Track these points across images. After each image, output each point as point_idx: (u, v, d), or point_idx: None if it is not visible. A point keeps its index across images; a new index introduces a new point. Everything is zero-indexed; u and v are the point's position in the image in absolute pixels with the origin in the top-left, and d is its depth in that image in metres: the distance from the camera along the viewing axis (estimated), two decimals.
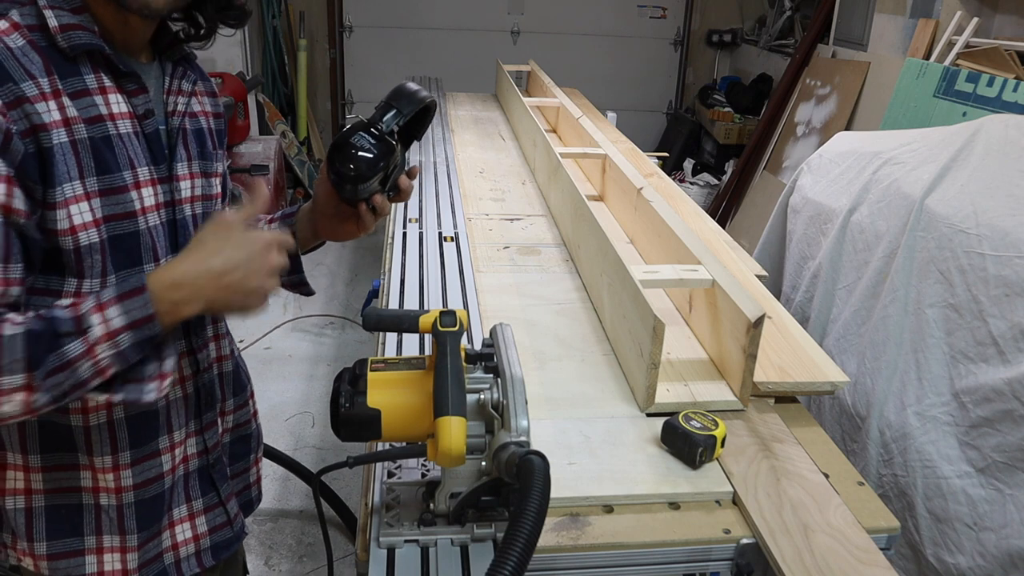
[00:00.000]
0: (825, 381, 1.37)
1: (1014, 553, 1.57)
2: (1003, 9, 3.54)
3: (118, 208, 0.95)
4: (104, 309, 0.85)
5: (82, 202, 0.91)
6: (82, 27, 0.93)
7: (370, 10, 6.28)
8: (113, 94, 0.96)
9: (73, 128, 0.90)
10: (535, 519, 0.78)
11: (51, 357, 0.83)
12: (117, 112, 0.96)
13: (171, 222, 1.03)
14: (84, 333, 0.84)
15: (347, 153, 1.06)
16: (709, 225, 2.16)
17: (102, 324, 0.85)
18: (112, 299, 0.86)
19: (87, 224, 0.92)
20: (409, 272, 1.83)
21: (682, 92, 6.80)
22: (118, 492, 1.03)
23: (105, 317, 0.85)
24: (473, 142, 3.16)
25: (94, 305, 0.85)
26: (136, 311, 0.86)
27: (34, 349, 0.83)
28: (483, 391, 0.95)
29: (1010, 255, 1.66)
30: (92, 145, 0.92)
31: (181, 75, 1.08)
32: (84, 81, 0.93)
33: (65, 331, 0.84)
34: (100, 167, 0.93)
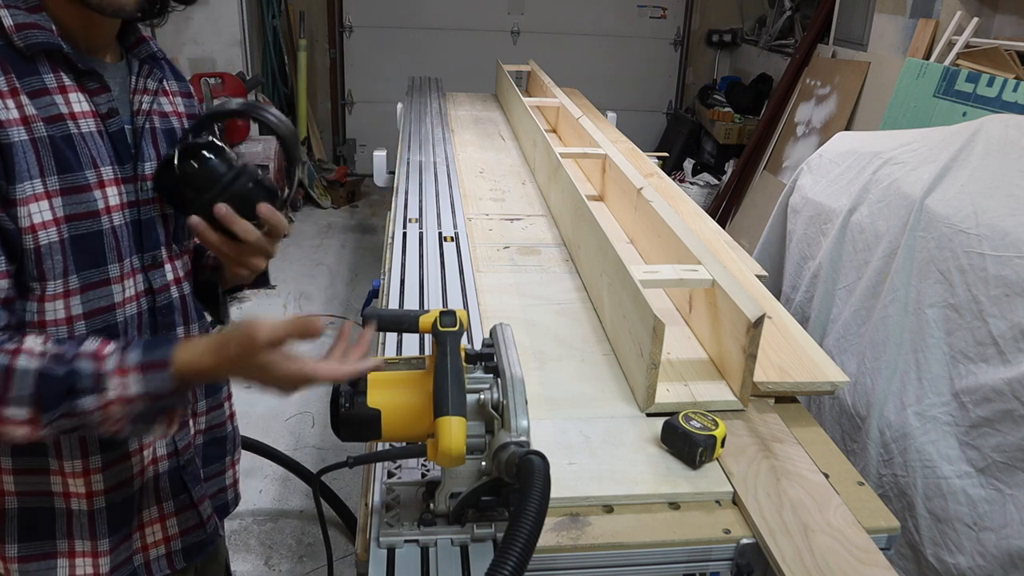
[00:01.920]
0: (825, 381, 1.37)
1: (1014, 553, 1.57)
2: (1003, 9, 3.54)
3: (80, 207, 0.94)
4: (125, 375, 0.86)
5: (42, 200, 0.90)
6: (38, 26, 0.92)
7: (370, 10, 6.29)
8: (74, 92, 0.95)
9: (32, 126, 0.89)
10: (535, 519, 0.78)
11: (63, 406, 0.84)
12: (79, 111, 0.95)
13: (136, 222, 1.01)
14: (101, 392, 0.85)
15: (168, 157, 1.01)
16: (709, 225, 2.16)
17: (120, 388, 0.85)
18: (135, 367, 0.86)
19: (47, 223, 0.90)
20: (409, 272, 1.83)
21: (682, 92, 6.80)
22: (89, 497, 1.03)
23: (124, 383, 0.85)
24: (473, 142, 3.16)
25: (116, 368, 0.86)
26: (155, 384, 0.87)
27: (47, 393, 0.84)
28: (483, 391, 0.95)
29: (1010, 255, 1.66)
30: (52, 143, 0.91)
31: (147, 73, 1.06)
32: (43, 80, 0.92)
33: (82, 387, 0.84)
34: (60, 165, 0.92)
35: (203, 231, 0.99)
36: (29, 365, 0.84)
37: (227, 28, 5.20)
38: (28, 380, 0.83)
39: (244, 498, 1.30)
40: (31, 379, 0.83)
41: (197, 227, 0.99)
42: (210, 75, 4.47)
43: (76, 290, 0.95)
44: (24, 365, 0.84)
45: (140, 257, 1.03)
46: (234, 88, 4.67)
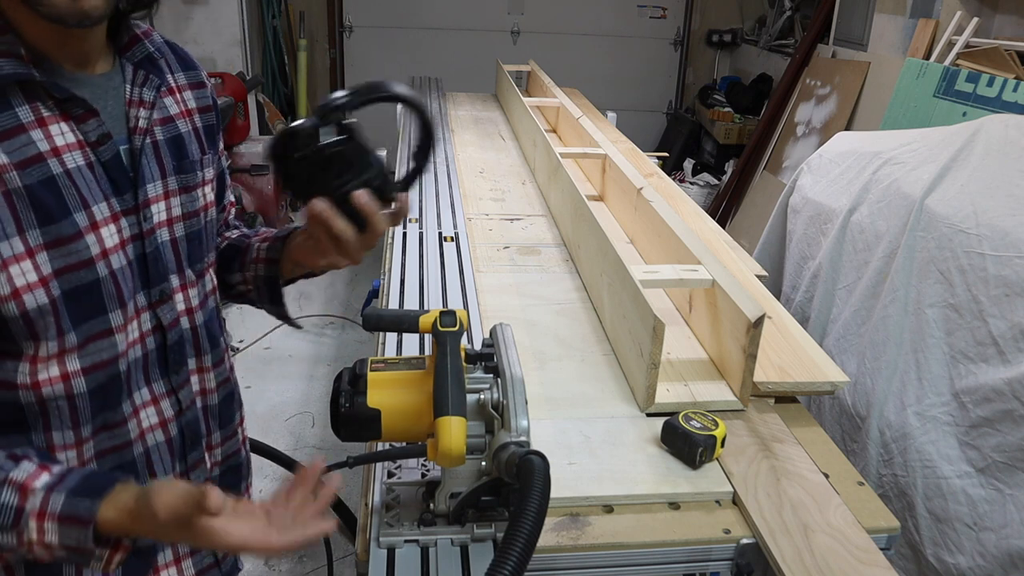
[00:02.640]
0: (825, 381, 1.37)
1: (1014, 553, 1.57)
2: (1003, 9, 3.54)
3: (71, 258, 0.83)
4: (43, 521, 0.77)
5: (24, 261, 0.79)
6: (6, 54, 0.79)
7: (370, 10, 6.28)
8: (55, 124, 0.83)
9: (4, 177, 0.78)
10: (535, 519, 0.78)
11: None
12: (63, 144, 0.83)
13: (140, 257, 0.91)
14: (18, 531, 0.77)
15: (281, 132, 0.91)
16: (709, 225, 2.16)
17: (37, 533, 0.77)
18: (54, 515, 0.77)
19: (32, 284, 0.80)
20: (409, 272, 1.83)
21: (682, 92, 6.80)
22: None
23: (43, 529, 0.77)
24: (473, 142, 3.16)
25: (37, 510, 0.77)
26: (72, 539, 0.77)
27: None
28: (483, 391, 0.95)
29: (1010, 255, 1.66)
30: (29, 193, 0.79)
31: (143, 81, 0.93)
32: (16, 115, 0.80)
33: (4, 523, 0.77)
34: (42, 216, 0.80)
35: (330, 217, 0.90)
36: None
37: (227, 28, 5.19)
38: None
39: None
40: None
41: (322, 213, 0.90)
42: (210, 75, 4.46)
43: (74, 347, 0.85)
44: None
45: (147, 294, 0.93)
46: (234, 88, 4.67)
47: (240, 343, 3.75)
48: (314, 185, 0.91)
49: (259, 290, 1.12)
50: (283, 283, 1.12)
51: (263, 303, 1.14)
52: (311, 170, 0.90)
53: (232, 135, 4.67)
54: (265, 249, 1.11)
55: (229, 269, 1.13)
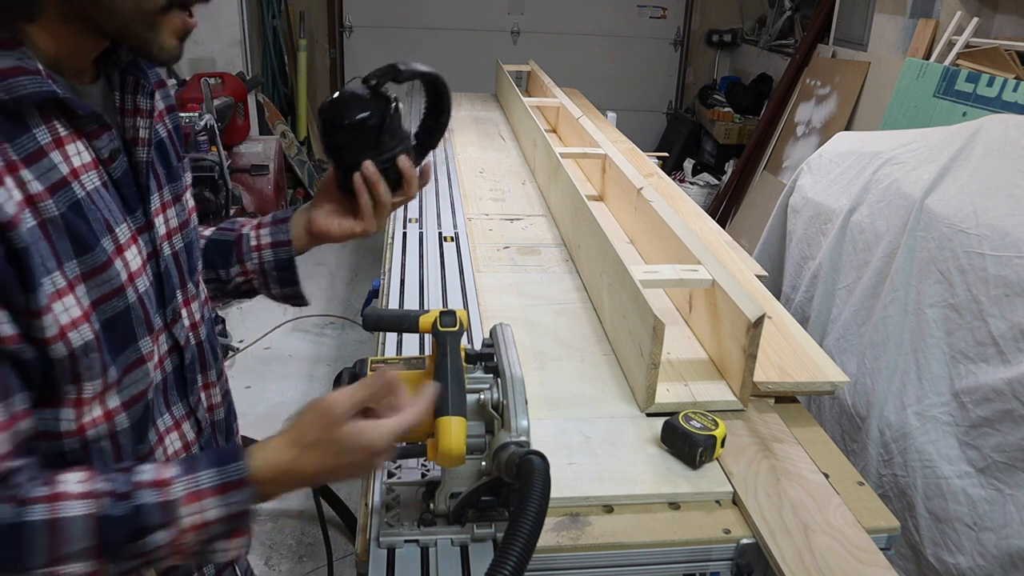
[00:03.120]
0: (825, 381, 1.37)
1: (1014, 553, 1.57)
2: (1003, 9, 3.54)
3: (105, 288, 0.77)
4: (201, 499, 0.74)
5: (67, 296, 0.73)
6: (23, 70, 0.70)
7: (370, 10, 6.29)
8: (72, 143, 0.76)
9: (40, 207, 0.71)
10: (535, 519, 0.78)
11: (129, 548, 0.72)
12: (80, 165, 0.76)
13: (156, 276, 0.87)
14: (172, 523, 0.73)
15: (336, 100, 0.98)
16: (709, 225, 2.16)
17: (196, 515, 0.74)
18: (211, 488, 0.75)
19: (76, 321, 0.74)
20: (409, 272, 1.83)
21: (682, 92, 6.80)
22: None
23: (201, 508, 0.74)
24: (473, 142, 3.16)
25: (188, 492, 0.74)
26: (235, 505, 0.76)
27: (109, 539, 0.71)
28: (483, 391, 0.95)
29: (1010, 255, 1.66)
30: (64, 222, 0.73)
31: (134, 88, 0.85)
32: (35, 138, 0.72)
33: (153, 524, 0.72)
34: (78, 247, 0.74)
35: (377, 181, 0.99)
36: (76, 511, 0.70)
37: (227, 28, 5.19)
38: (80, 529, 0.70)
39: None
40: (84, 527, 0.70)
41: (372, 176, 0.98)
42: (210, 75, 4.47)
43: (114, 383, 0.80)
44: (71, 513, 0.70)
45: (163, 314, 0.88)
46: (234, 88, 4.67)
47: (240, 343, 3.75)
48: (365, 150, 0.99)
49: (265, 276, 1.11)
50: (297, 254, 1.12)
51: (271, 288, 1.12)
52: (364, 136, 0.98)
53: (232, 135, 4.67)
54: (269, 234, 1.10)
55: (221, 265, 1.10)
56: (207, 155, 3.96)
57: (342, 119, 0.97)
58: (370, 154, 0.99)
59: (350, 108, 0.97)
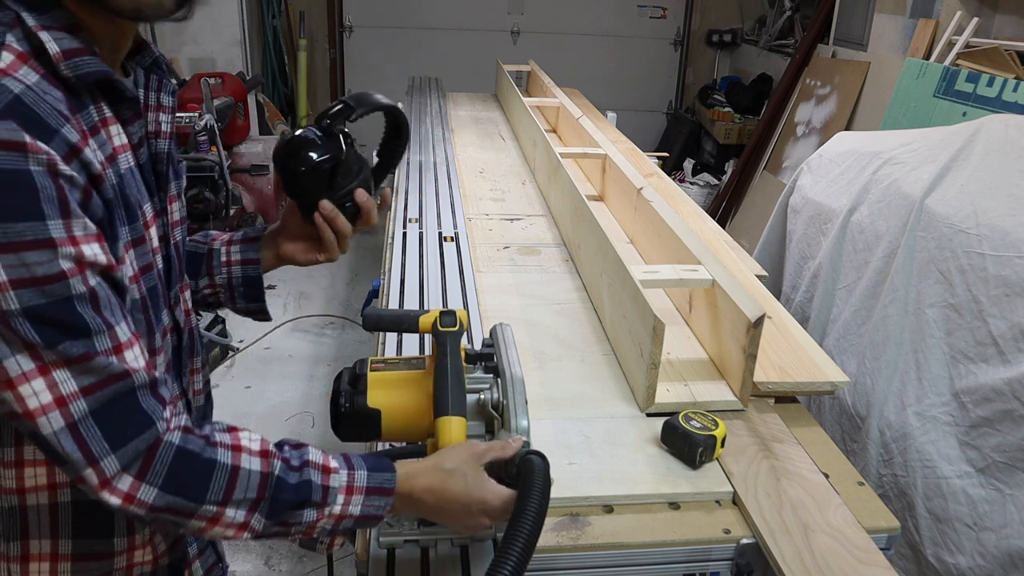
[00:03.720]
0: (825, 381, 1.37)
1: (1014, 553, 1.57)
2: (1003, 9, 3.54)
3: (144, 259, 0.85)
4: (352, 494, 0.83)
5: (127, 252, 0.81)
6: (86, 51, 0.78)
7: (370, 10, 6.28)
8: (113, 125, 0.83)
9: (104, 174, 0.78)
10: (535, 519, 0.78)
11: (286, 513, 0.81)
12: (119, 145, 0.84)
13: (166, 257, 0.93)
14: (324, 507, 0.82)
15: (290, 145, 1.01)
16: (709, 225, 2.16)
17: (344, 506, 0.83)
18: (363, 488, 0.84)
19: (132, 278, 0.82)
20: (409, 272, 1.83)
21: (682, 92, 6.80)
22: (154, 562, 0.96)
23: (350, 501, 0.83)
24: (473, 142, 3.16)
25: (345, 485, 0.83)
26: (373, 509, 0.84)
27: (277, 500, 0.80)
28: (483, 391, 0.95)
29: (1010, 255, 1.66)
30: (120, 191, 0.81)
31: (157, 86, 0.93)
32: (91, 115, 0.80)
33: (313, 500, 0.81)
34: (129, 215, 0.82)
35: (336, 216, 1.03)
36: (254, 466, 0.79)
37: (227, 28, 5.20)
38: (254, 482, 0.79)
39: None
40: (257, 481, 0.79)
41: (330, 213, 1.02)
42: (210, 75, 4.47)
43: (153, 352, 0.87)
44: (249, 465, 0.79)
45: (168, 296, 0.95)
46: (234, 88, 4.67)
47: (240, 343, 3.75)
48: (321, 191, 1.02)
49: (232, 290, 1.16)
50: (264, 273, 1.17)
51: (236, 302, 1.17)
52: (319, 178, 1.00)
53: (232, 135, 4.67)
54: (238, 252, 1.15)
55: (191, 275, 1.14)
56: (207, 155, 3.96)
57: (297, 165, 1.00)
58: (327, 194, 1.02)
59: (303, 152, 0.99)
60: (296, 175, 1.00)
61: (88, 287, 0.73)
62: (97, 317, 0.74)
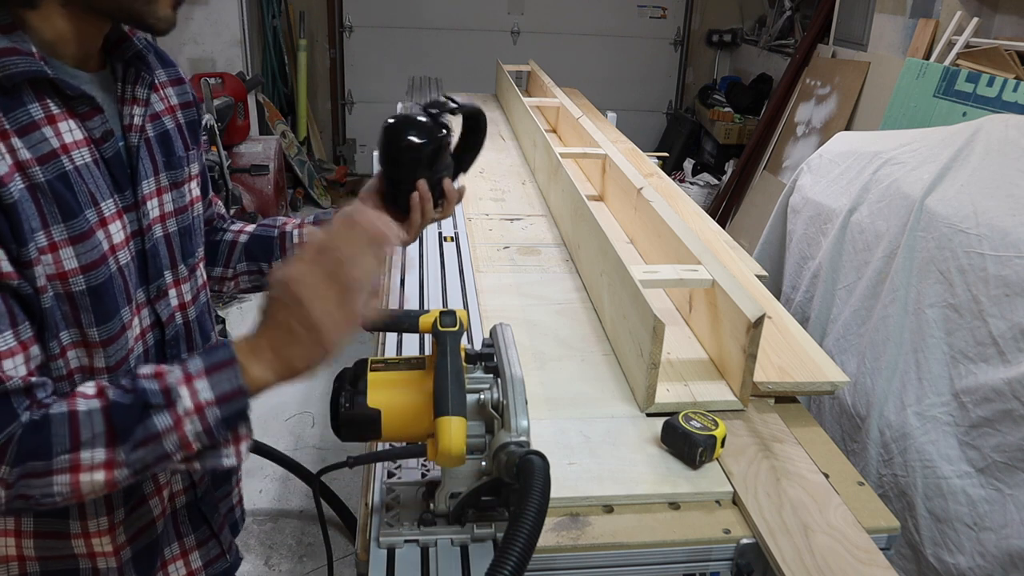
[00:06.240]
0: (825, 381, 1.37)
1: (1014, 553, 1.57)
2: (1003, 9, 3.54)
3: (89, 256, 0.85)
4: (192, 381, 0.80)
5: (47, 254, 0.81)
6: (16, 51, 0.79)
7: (370, 10, 6.29)
8: (64, 121, 0.84)
9: (28, 172, 0.79)
10: (535, 519, 0.78)
11: (138, 430, 0.78)
12: (71, 142, 0.84)
13: (140, 252, 0.94)
14: (172, 406, 0.79)
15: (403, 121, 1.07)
16: (709, 225, 2.16)
17: (191, 397, 0.80)
18: (200, 371, 0.81)
19: (51, 276, 0.82)
20: (409, 272, 1.83)
21: (682, 92, 6.80)
22: (116, 553, 0.98)
23: (194, 389, 0.80)
24: None
25: (182, 376, 0.80)
26: (225, 384, 0.81)
27: (120, 422, 0.78)
28: (483, 391, 0.95)
29: (1010, 255, 1.66)
30: (51, 188, 0.81)
31: (134, 79, 0.94)
32: (29, 113, 0.81)
33: (155, 403, 0.79)
34: (64, 212, 0.82)
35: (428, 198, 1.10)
36: (92, 405, 0.78)
37: (227, 28, 5.20)
38: (96, 418, 0.78)
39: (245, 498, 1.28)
40: (99, 416, 0.78)
41: (425, 195, 1.10)
42: (210, 75, 4.47)
43: (96, 343, 0.88)
44: (87, 407, 0.78)
45: (146, 290, 0.96)
46: (234, 88, 4.67)
47: None
48: (421, 171, 1.09)
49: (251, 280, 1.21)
50: None
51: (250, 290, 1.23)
52: (423, 158, 1.08)
53: (232, 135, 4.67)
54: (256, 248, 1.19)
55: (263, 258, 1.19)
56: (207, 155, 3.96)
57: (409, 142, 1.07)
58: (424, 174, 1.10)
59: (416, 131, 1.07)
60: (405, 150, 1.07)
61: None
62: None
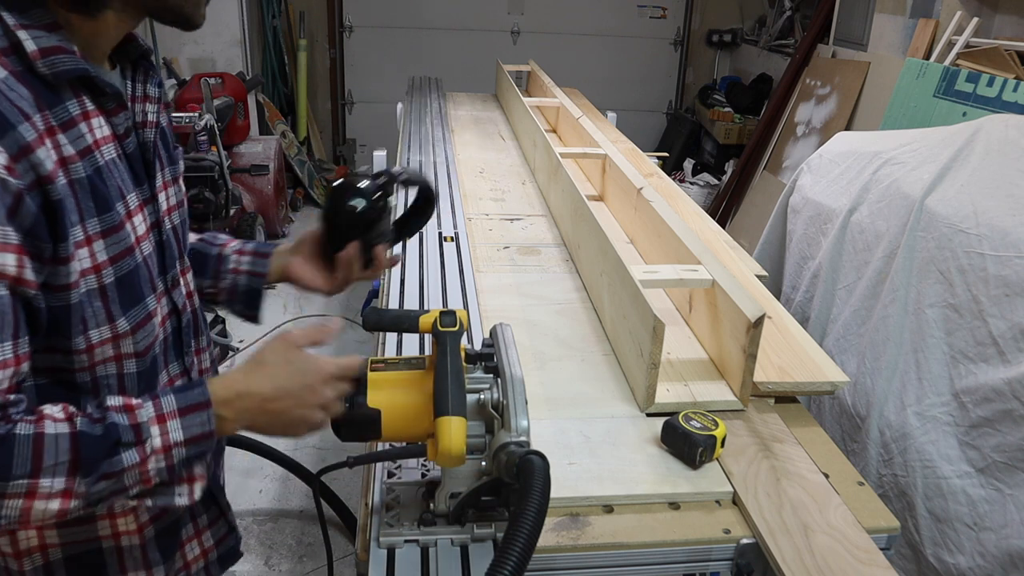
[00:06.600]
0: (825, 381, 1.37)
1: (1014, 553, 1.57)
2: (1003, 9, 3.54)
3: (120, 247, 0.87)
4: (165, 421, 0.82)
5: (82, 248, 0.83)
6: (63, 49, 0.82)
7: (370, 10, 6.29)
8: (96, 118, 0.87)
9: (70, 168, 0.81)
10: (535, 519, 0.78)
11: (103, 466, 0.78)
12: (101, 137, 0.87)
13: (159, 243, 0.97)
14: (142, 444, 0.80)
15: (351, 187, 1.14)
16: (709, 225, 2.16)
17: (161, 437, 0.81)
18: (173, 411, 0.83)
19: (86, 271, 0.84)
20: (409, 272, 1.83)
21: (682, 92, 6.80)
22: (140, 531, 1.00)
23: (166, 429, 0.82)
24: (473, 142, 3.16)
25: (154, 415, 0.82)
26: (196, 427, 0.83)
27: (87, 454, 0.77)
28: (483, 391, 0.95)
29: (1010, 255, 1.66)
30: (90, 183, 0.84)
31: (144, 78, 0.97)
32: (68, 109, 0.83)
33: (125, 440, 0.79)
34: (99, 206, 0.85)
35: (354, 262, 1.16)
36: (59, 429, 0.77)
37: (227, 28, 5.20)
38: (63, 445, 0.76)
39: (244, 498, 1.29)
40: (66, 443, 0.76)
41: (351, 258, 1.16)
42: (210, 75, 4.47)
43: (127, 332, 0.90)
44: (54, 431, 0.76)
45: (163, 279, 0.98)
46: (234, 88, 4.67)
47: (240, 343, 3.75)
48: (355, 234, 1.15)
49: (233, 295, 1.22)
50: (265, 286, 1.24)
51: (234, 306, 1.24)
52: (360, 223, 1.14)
53: (232, 135, 4.67)
54: (248, 263, 1.21)
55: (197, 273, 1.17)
56: (207, 155, 3.96)
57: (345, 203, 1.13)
58: (359, 236, 1.15)
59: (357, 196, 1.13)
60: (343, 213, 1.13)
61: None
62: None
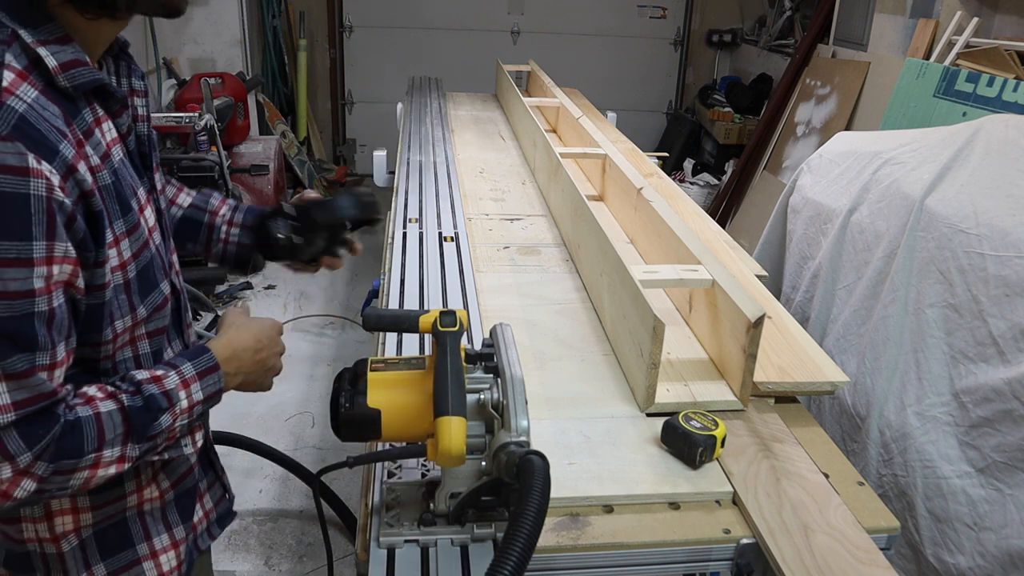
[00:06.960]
0: (825, 381, 1.37)
1: (1014, 553, 1.57)
2: (1003, 9, 3.54)
3: (139, 242, 0.93)
4: (188, 386, 0.93)
5: (112, 248, 0.88)
6: (80, 62, 0.84)
7: (370, 10, 6.29)
8: (105, 122, 0.90)
9: (98, 176, 0.85)
10: (535, 519, 0.78)
11: (148, 430, 0.89)
12: (111, 140, 0.90)
13: (163, 230, 1.03)
14: (173, 407, 0.91)
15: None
16: (709, 225, 2.16)
17: (187, 399, 0.93)
18: (193, 376, 0.94)
19: (115, 268, 0.89)
20: (409, 272, 1.83)
21: (682, 92, 6.80)
22: (162, 497, 1.07)
23: (189, 392, 0.93)
24: (473, 142, 3.16)
25: (179, 381, 0.93)
26: (211, 386, 0.97)
27: (136, 423, 0.88)
28: (483, 391, 0.95)
29: (1010, 255, 1.66)
30: (114, 188, 0.88)
31: (127, 72, 0.99)
32: (85, 119, 0.86)
33: (161, 407, 0.90)
34: (122, 207, 0.89)
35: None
36: (110, 407, 0.87)
37: (227, 28, 5.20)
38: (117, 419, 0.87)
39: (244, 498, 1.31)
40: (119, 417, 0.87)
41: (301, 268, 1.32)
42: (210, 75, 4.47)
43: (143, 319, 0.96)
44: (106, 408, 0.86)
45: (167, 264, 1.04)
46: (234, 88, 4.67)
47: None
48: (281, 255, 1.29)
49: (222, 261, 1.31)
50: None
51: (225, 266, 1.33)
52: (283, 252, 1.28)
53: (232, 135, 4.67)
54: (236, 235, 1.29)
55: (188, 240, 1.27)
56: (207, 155, 3.96)
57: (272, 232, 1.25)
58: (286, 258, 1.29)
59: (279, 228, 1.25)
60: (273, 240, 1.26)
61: (50, 307, 0.80)
62: (48, 335, 0.81)
